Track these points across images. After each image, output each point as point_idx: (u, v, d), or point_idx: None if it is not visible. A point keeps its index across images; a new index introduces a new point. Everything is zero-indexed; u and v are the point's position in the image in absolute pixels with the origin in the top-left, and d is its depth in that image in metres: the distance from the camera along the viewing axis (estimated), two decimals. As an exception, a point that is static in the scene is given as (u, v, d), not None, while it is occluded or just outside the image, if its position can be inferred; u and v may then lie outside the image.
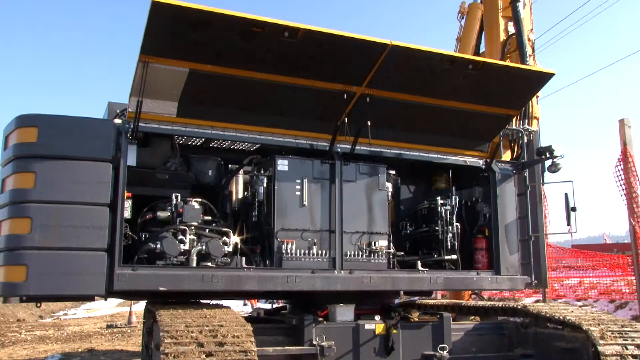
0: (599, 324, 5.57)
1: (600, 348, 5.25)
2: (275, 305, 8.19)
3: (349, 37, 5.66)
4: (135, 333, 14.60)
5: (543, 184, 8.19)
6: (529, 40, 9.10)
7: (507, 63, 6.81)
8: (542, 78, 6.82)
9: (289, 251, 6.01)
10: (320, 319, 6.21)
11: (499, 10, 9.44)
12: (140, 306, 14.30)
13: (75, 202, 5.20)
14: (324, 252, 6.18)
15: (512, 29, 9.15)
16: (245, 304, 20.56)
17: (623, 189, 9.85)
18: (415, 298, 8.85)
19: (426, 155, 6.98)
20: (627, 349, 5.29)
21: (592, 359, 5.47)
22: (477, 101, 6.75)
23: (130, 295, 6.26)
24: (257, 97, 6.06)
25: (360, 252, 6.34)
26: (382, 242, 6.46)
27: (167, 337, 4.62)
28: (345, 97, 6.17)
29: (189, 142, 6.44)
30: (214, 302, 6.57)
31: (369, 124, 6.24)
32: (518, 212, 7.26)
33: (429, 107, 6.63)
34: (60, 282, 5.07)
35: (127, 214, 5.58)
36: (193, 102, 5.88)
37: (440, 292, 12.64)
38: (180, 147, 6.34)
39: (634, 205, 9.69)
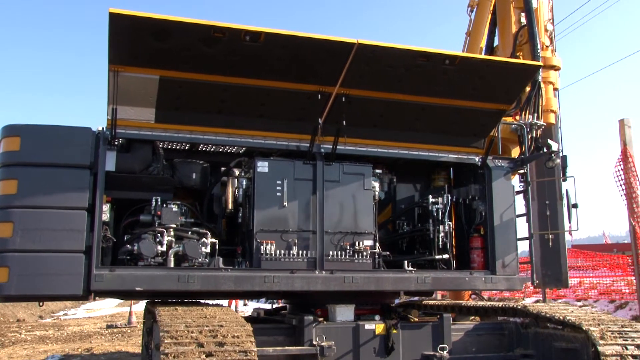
0: (599, 324, 5.56)
1: (600, 348, 5.24)
2: (275, 305, 8.19)
3: (312, 38, 5.70)
4: (135, 333, 14.61)
5: (565, 180, 8.07)
6: (545, 30, 8.78)
7: (487, 57, 6.65)
8: (529, 71, 6.71)
9: (268, 252, 6.02)
10: (321, 319, 6.20)
11: (511, 1, 9.08)
12: (140, 306, 14.32)
13: (55, 206, 5.45)
14: (305, 252, 6.16)
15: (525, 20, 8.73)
16: (245, 304, 20.58)
17: (623, 189, 9.84)
18: (415, 298, 8.84)
19: (416, 153, 6.90)
20: (627, 349, 5.28)
21: (592, 359, 5.46)
22: (464, 97, 6.65)
23: (109, 295, 6.40)
24: (232, 100, 6.13)
25: (343, 253, 6.30)
26: (367, 242, 6.40)
27: (167, 337, 4.62)
28: (319, 97, 6.17)
29: (177, 147, 6.53)
30: (215, 302, 6.59)
31: (344, 123, 6.23)
32: (517, 209, 7.12)
33: (413, 104, 6.57)
34: (40, 283, 5.31)
35: (106, 217, 5.75)
36: (169, 107, 6.01)
37: (440, 293, 12.62)
38: (166, 152, 6.45)
39: (634, 205, 9.68)
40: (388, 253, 6.89)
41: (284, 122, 6.36)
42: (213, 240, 6.19)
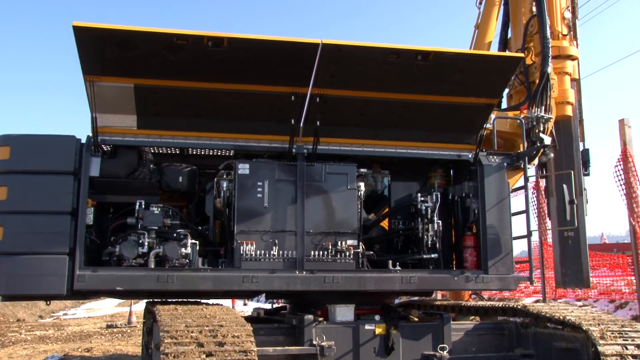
0: (599, 324, 5.55)
1: (600, 348, 5.24)
2: (275, 305, 8.20)
3: (275, 40, 5.76)
4: (135, 333, 14.62)
5: (587, 175, 7.90)
6: (563, 19, 8.51)
7: (463, 50, 6.40)
8: (510, 63, 6.56)
9: (248, 252, 6.07)
10: (321, 319, 6.20)
11: None
12: (140, 306, 14.33)
13: (41, 211, 5.75)
14: (285, 252, 6.18)
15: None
16: (245, 304, 20.62)
17: (623, 189, 9.85)
18: (415, 298, 8.84)
19: (404, 151, 6.81)
20: (627, 349, 5.28)
21: (592, 359, 5.46)
22: (445, 92, 6.53)
23: (92, 294, 6.53)
24: (209, 105, 6.23)
25: (326, 252, 6.28)
26: (351, 242, 6.36)
27: (167, 337, 4.63)
28: (293, 98, 6.19)
29: (168, 151, 6.70)
30: (215, 302, 6.61)
31: (318, 123, 6.26)
32: (511, 206, 6.91)
33: (394, 102, 6.49)
34: (26, 283, 5.63)
35: (90, 220, 5.96)
36: (150, 114, 6.19)
37: (440, 293, 12.60)
38: (156, 156, 6.65)
39: (634, 205, 9.68)
40: (372, 253, 6.78)
41: (265, 125, 6.41)
42: (193, 241, 6.26)
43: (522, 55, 6.84)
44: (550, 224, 8.91)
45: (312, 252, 6.25)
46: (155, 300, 6.51)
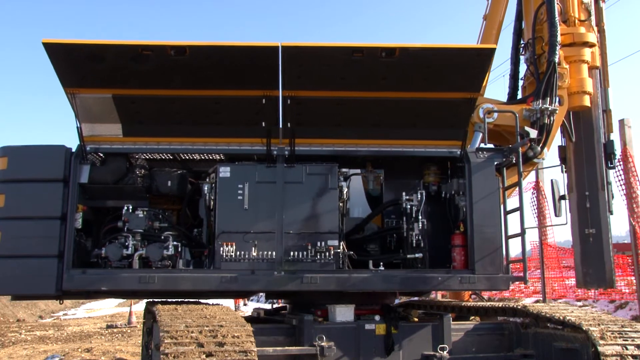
0: (599, 324, 5.55)
1: (600, 348, 5.23)
2: (275, 305, 8.20)
3: (234, 46, 5.87)
4: (135, 333, 14.64)
5: (613, 168, 7.63)
6: (580, 3, 8.09)
7: (429, 45, 6.20)
8: (483, 55, 6.35)
9: (228, 253, 6.13)
10: (320, 319, 6.20)
11: None
12: (140, 306, 14.34)
13: (34, 216, 6.10)
14: (265, 253, 6.20)
15: None
16: (245, 304, 20.66)
17: (623, 189, 9.86)
18: (415, 298, 8.84)
19: (388, 149, 6.72)
20: (627, 349, 5.27)
21: (592, 359, 5.46)
22: (421, 89, 6.41)
23: (80, 294, 6.70)
24: (186, 111, 6.38)
25: (306, 253, 6.25)
26: (332, 242, 6.31)
27: (167, 337, 4.63)
28: (264, 101, 6.24)
29: (161, 156, 6.87)
30: (215, 302, 6.64)
31: (288, 125, 6.35)
32: (506, 204, 6.80)
33: (369, 100, 6.42)
34: (20, 284, 6.04)
35: (79, 224, 6.24)
36: (133, 122, 6.43)
37: (440, 293, 12.60)
38: (149, 162, 6.86)
39: (634, 205, 9.71)
40: (352, 252, 6.65)
41: (244, 128, 6.50)
42: (175, 243, 6.36)
43: (493, 46, 6.58)
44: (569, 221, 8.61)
45: (292, 253, 6.23)
46: (155, 300, 6.56)
